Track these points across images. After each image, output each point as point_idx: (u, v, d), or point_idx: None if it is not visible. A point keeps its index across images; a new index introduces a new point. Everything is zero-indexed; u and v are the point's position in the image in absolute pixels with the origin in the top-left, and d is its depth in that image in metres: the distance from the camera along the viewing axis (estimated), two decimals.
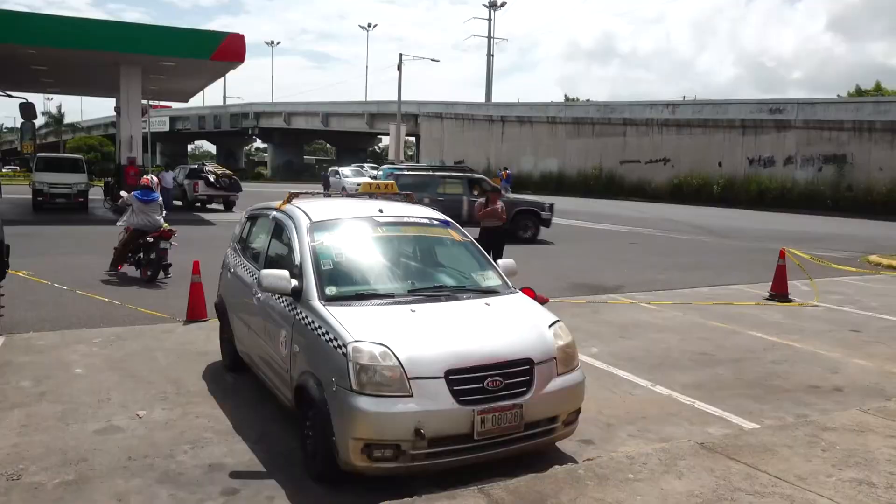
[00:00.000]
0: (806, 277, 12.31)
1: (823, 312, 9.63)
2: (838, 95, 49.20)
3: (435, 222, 5.64)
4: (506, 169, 35.93)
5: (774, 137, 35.49)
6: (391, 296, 4.70)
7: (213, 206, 27.65)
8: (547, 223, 18.92)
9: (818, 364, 7.04)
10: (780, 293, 10.50)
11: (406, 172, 19.45)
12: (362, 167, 43.42)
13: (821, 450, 4.46)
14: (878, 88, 50.75)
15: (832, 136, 33.05)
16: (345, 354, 4.00)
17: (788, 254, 11.06)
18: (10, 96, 8.10)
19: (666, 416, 5.51)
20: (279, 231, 5.53)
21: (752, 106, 37.23)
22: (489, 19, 60.62)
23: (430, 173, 19.42)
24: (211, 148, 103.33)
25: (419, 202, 6.22)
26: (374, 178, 29.70)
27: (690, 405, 5.76)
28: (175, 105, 68.82)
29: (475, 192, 18.49)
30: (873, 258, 15.04)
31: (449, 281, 5.23)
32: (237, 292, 6.11)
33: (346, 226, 5.28)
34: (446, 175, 19.32)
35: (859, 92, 51.18)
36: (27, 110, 8.05)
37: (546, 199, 20.66)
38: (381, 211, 5.46)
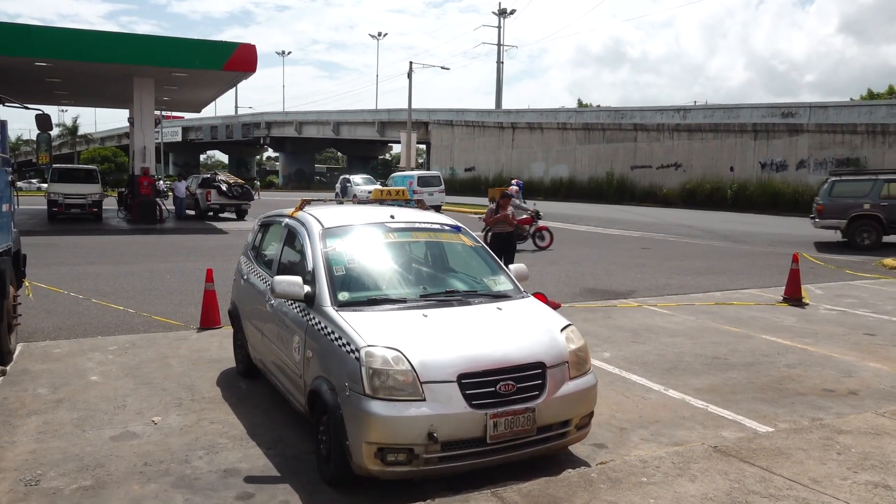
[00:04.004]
0: (820, 281, 12.24)
1: (837, 316, 9.56)
2: (851, 99, 48.91)
3: (446, 227, 5.67)
4: (514, 179, 36.00)
5: (787, 141, 35.32)
6: (403, 300, 4.72)
7: (226, 214, 27.87)
8: None
9: (832, 367, 7.00)
10: (793, 297, 10.43)
11: (844, 178, 17.46)
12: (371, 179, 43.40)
13: (836, 453, 4.44)
14: (892, 91, 50.34)
15: (845, 139, 32.89)
16: (358, 359, 4.03)
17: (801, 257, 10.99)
18: (26, 108, 8.19)
19: (679, 419, 5.49)
20: (292, 238, 5.58)
21: (763, 110, 37.04)
22: (499, 27, 60.72)
23: (873, 177, 17.02)
24: (223, 157, 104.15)
25: None
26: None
27: (703, 409, 5.74)
28: (187, 115, 69.72)
29: None
30: (888, 262, 14.90)
31: (461, 286, 5.24)
32: (250, 299, 6.15)
33: (358, 232, 5.32)
34: (891, 178, 16.69)
35: (871, 96, 50.81)
36: (43, 122, 8.13)
37: None
38: (392, 217, 5.49)
